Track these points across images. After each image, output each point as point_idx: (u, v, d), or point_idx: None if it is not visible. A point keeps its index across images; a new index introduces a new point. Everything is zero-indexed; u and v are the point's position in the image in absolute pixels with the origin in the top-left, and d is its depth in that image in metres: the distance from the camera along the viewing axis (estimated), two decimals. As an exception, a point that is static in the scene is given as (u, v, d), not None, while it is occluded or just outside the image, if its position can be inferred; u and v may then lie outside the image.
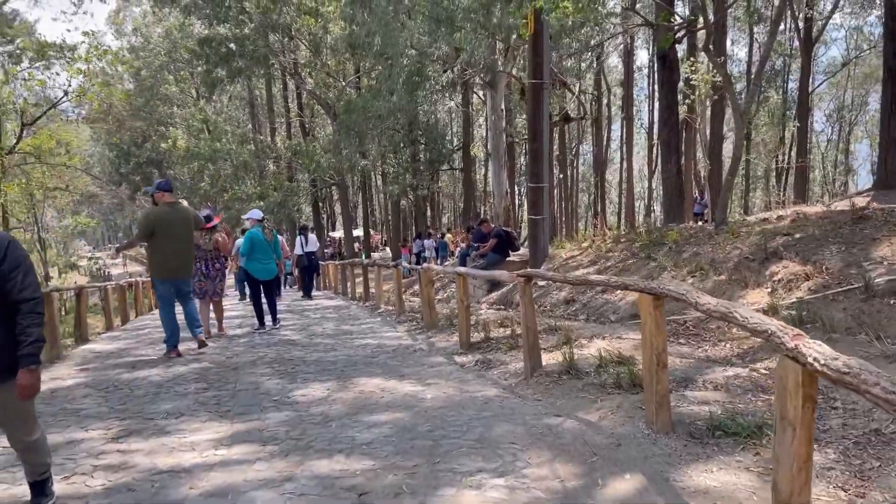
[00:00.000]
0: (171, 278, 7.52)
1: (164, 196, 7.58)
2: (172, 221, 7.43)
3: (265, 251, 9.77)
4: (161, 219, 7.39)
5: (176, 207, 7.55)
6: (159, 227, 7.37)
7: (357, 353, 7.40)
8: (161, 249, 7.43)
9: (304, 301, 15.39)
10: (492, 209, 22.62)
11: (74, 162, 23.94)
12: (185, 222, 7.55)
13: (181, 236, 7.51)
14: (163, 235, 7.39)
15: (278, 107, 45.71)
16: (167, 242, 7.44)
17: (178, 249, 7.50)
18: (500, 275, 6.03)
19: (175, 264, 7.51)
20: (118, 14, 63.18)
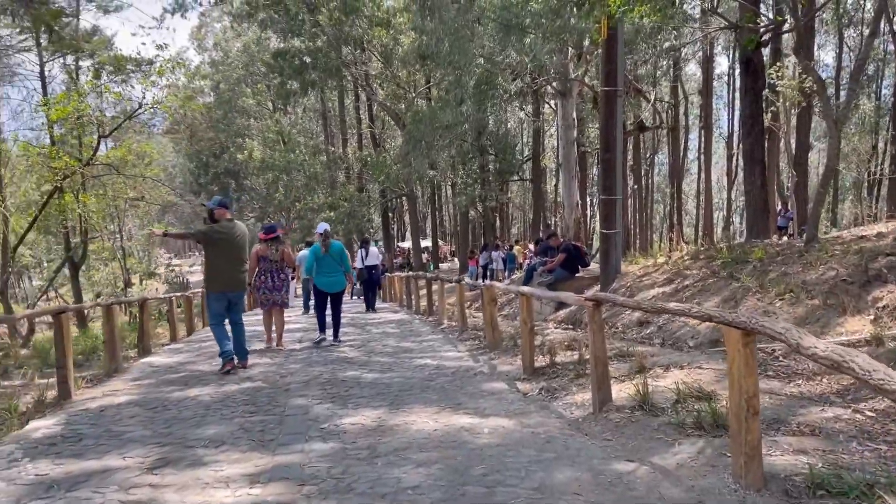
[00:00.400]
0: (225, 291, 7.65)
1: (223, 213, 7.75)
2: (229, 237, 7.60)
3: (330, 264, 9.72)
4: (220, 233, 7.57)
5: (233, 224, 7.79)
6: (218, 242, 7.54)
7: (414, 374, 7.03)
8: (216, 264, 7.59)
9: (367, 314, 15.19)
10: (562, 221, 22.02)
11: (152, 173, 24.66)
12: (240, 239, 7.71)
13: (236, 253, 7.65)
14: (219, 250, 7.57)
15: (350, 118, 46.27)
16: (223, 257, 7.59)
17: (233, 265, 7.63)
18: (567, 297, 5.55)
19: (229, 278, 7.63)
20: (200, 30, 65.52)
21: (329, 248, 9.70)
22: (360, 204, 33.06)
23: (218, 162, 62.31)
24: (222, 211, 7.77)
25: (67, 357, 6.36)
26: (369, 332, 11.16)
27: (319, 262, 9.68)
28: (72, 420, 5.54)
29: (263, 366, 8.03)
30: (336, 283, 9.75)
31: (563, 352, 7.75)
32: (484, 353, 8.35)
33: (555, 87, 19.52)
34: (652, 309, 4.48)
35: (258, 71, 52.03)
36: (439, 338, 10.02)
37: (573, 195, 19.39)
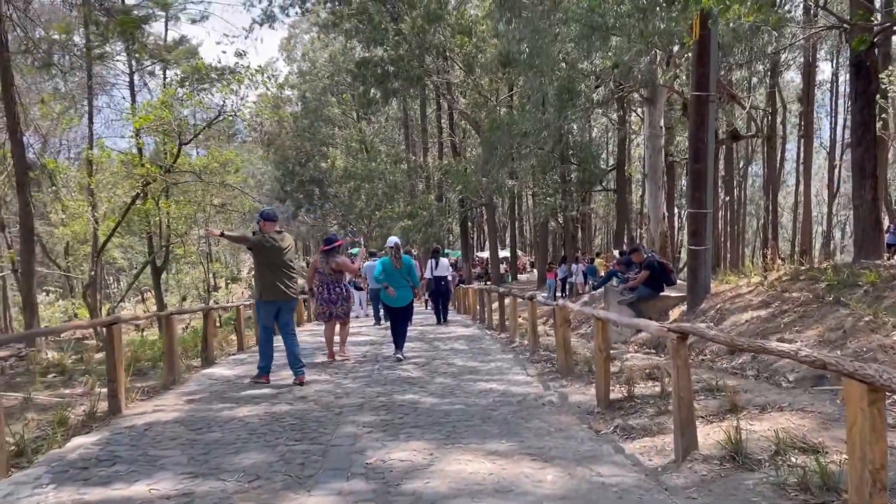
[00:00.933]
0: (273, 300, 7.63)
1: (267, 225, 7.74)
2: (277, 248, 7.63)
3: (398, 279, 9.57)
4: (264, 244, 7.60)
5: (281, 235, 7.79)
6: (263, 252, 7.60)
7: (477, 401, 6.47)
8: (263, 274, 7.65)
9: (438, 327, 14.74)
10: (647, 234, 20.98)
11: (237, 180, 25.23)
12: (288, 250, 7.75)
13: (283, 263, 7.66)
14: (266, 259, 7.62)
15: (431, 127, 46.23)
16: (269, 266, 7.63)
17: (279, 275, 7.62)
18: (647, 325, 4.88)
19: (274, 288, 7.61)
20: (289, 41, 67.30)
21: (400, 259, 9.59)
22: (439, 213, 32.78)
23: (303, 170, 63.66)
24: (267, 224, 7.75)
25: (118, 370, 6.15)
26: (436, 349, 10.68)
27: (389, 277, 9.52)
28: (113, 439, 5.28)
29: (322, 383, 7.68)
30: (403, 297, 9.58)
31: (643, 381, 7.02)
32: (555, 378, 7.71)
33: (641, 94, 18.61)
34: (749, 347, 3.78)
35: (343, 80, 52.79)
36: (509, 358, 9.42)
37: (659, 207, 18.37)
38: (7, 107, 11.60)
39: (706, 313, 10.00)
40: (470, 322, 16.25)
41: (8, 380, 8.92)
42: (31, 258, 12.11)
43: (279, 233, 7.79)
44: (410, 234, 32.74)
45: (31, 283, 12.03)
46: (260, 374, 7.66)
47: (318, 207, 68.53)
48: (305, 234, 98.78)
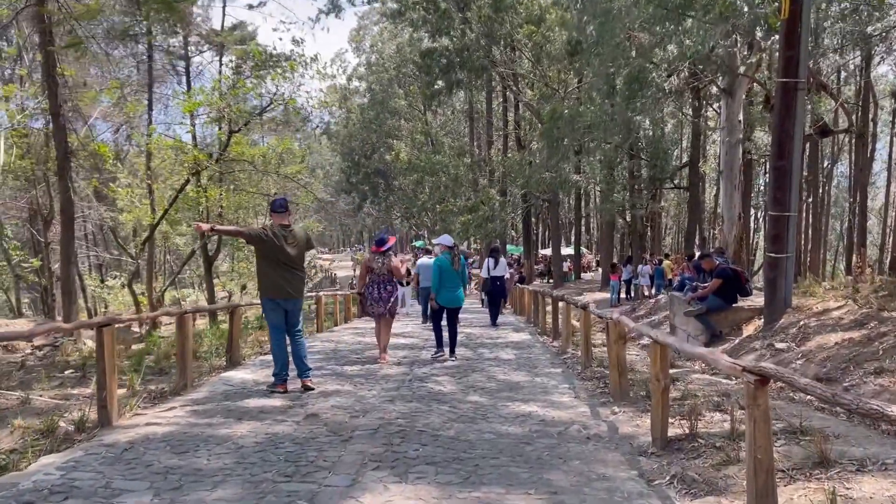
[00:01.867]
0: (278, 298, 7.01)
1: (274, 216, 7.15)
2: (280, 241, 6.92)
3: (453, 278, 9.40)
4: (263, 237, 6.93)
5: (288, 229, 7.07)
6: (262, 246, 6.93)
7: (510, 430, 5.57)
8: (264, 271, 7.02)
9: (489, 329, 13.86)
10: (720, 235, 19.52)
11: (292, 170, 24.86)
12: (295, 245, 7.05)
13: (286, 258, 6.95)
14: (268, 253, 6.93)
15: (497, 120, 45.19)
16: (270, 261, 6.96)
17: (282, 271, 6.96)
18: (716, 361, 3.85)
19: (276, 285, 6.97)
20: (358, 32, 67.29)
21: (459, 259, 9.49)
22: (501, 208, 31.79)
23: (369, 162, 63.66)
24: (274, 215, 7.13)
25: (109, 378, 5.52)
26: (479, 356, 9.80)
27: (444, 277, 9.30)
28: (83, 462, 4.62)
29: (343, 395, 6.92)
30: (457, 298, 9.46)
31: (710, 413, 5.98)
32: (606, 402, 6.72)
33: (718, 85, 17.18)
34: (861, 410, 2.77)
35: (410, 72, 52.29)
36: (557, 372, 8.46)
37: (734, 208, 16.94)
38: (49, 89, 11.33)
39: (786, 331, 8.79)
40: (523, 325, 15.28)
41: (24, 375, 8.52)
42: (71, 244, 11.85)
43: (286, 227, 7.03)
44: (470, 230, 31.90)
45: (70, 270, 11.77)
46: (276, 382, 7.05)
47: (383, 200, 68.52)
48: (371, 226, 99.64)
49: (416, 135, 53.28)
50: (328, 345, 11.15)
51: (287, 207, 7.19)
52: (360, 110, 65.55)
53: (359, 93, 68.46)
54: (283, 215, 7.06)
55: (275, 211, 7.11)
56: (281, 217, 7.05)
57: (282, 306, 7.02)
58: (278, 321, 7.08)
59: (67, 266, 11.53)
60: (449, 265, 9.37)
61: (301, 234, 7.20)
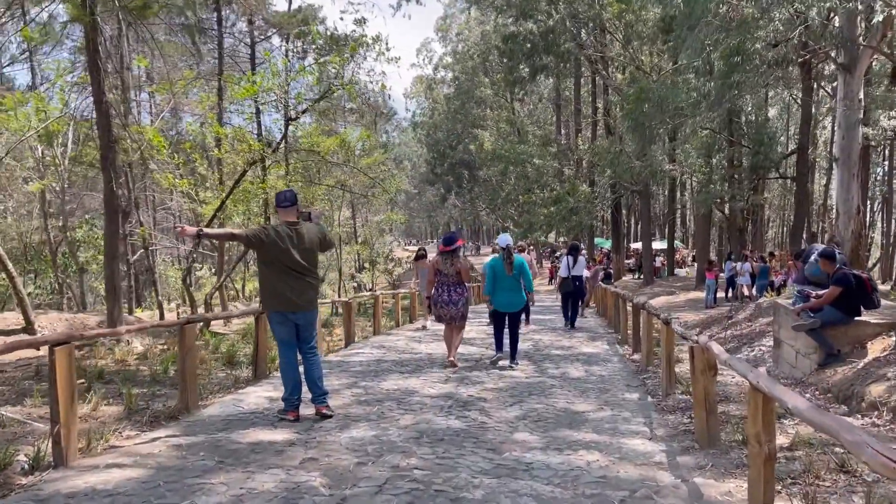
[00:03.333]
0: (285, 311, 5.93)
1: (280, 213, 6.04)
2: (285, 242, 5.85)
3: (510, 281, 8.81)
4: (263, 238, 5.84)
5: (296, 228, 5.95)
6: (263, 248, 5.86)
7: (555, 494, 4.23)
8: (270, 277, 5.92)
9: (563, 335, 12.44)
10: (832, 231, 17.23)
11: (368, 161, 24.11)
12: (303, 246, 5.94)
13: (294, 264, 5.88)
14: (272, 257, 5.86)
15: (586, 107, 43.17)
16: (276, 267, 5.88)
17: (289, 278, 5.89)
18: (859, 447, 2.41)
19: (289, 294, 5.88)
20: (444, 20, 66.31)
21: (512, 264, 8.77)
22: (586, 199, 29.95)
23: (453, 152, 62.74)
24: (280, 211, 6.02)
25: (64, 408, 4.56)
26: (542, 372, 8.43)
27: (499, 279, 8.79)
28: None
29: (361, 426, 5.75)
30: (514, 302, 8.87)
31: (829, 475, 4.46)
32: (689, 450, 5.25)
33: (835, 59, 14.96)
34: None
35: (496, 60, 50.79)
36: (632, 399, 6.99)
37: (853, 199, 14.72)
38: (92, 74, 10.74)
39: (930, 355, 6.97)
40: (603, 331, 13.73)
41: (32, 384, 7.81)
42: (116, 240, 11.27)
43: (293, 224, 5.93)
44: (554, 222, 30.27)
45: (116, 267, 11.19)
46: (285, 409, 6.02)
47: (468, 191, 67.44)
48: (458, 218, 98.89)
49: (501, 124, 51.78)
50: (376, 352, 10.04)
51: (295, 201, 6.06)
52: (445, 100, 64.73)
53: (445, 82, 67.62)
54: (289, 210, 5.97)
55: (280, 206, 6.00)
56: (287, 213, 5.97)
57: (291, 319, 5.96)
58: (287, 336, 6.01)
59: (112, 262, 10.95)
60: (502, 266, 8.80)
61: (313, 233, 6.07)
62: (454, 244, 8.89)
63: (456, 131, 61.07)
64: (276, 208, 6.06)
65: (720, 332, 13.26)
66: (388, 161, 70.25)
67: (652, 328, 8.78)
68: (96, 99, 10.86)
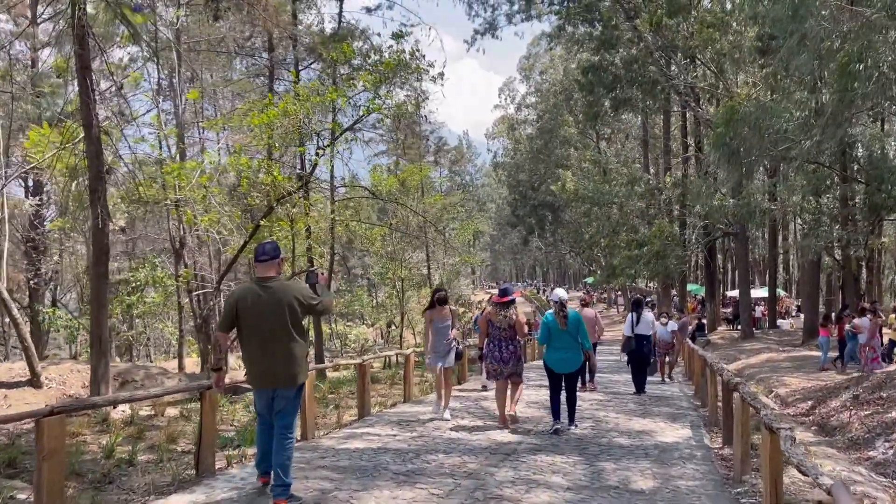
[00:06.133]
0: (264, 388, 5.19)
1: (258, 267, 5.21)
2: (258, 305, 5.03)
3: (564, 338, 8.08)
4: (244, 300, 5.06)
5: (269, 285, 5.09)
6: (242, 314, 5.06)
7: None
8: (246, 346, 5.13)
9: (631, 411, 9.99)
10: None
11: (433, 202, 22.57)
12: (276, 307, 5.02)
13: (272, 329, 5.03)
14: (247, 325, 5.07)
15: (676, 144, 40.31)
16: (252, 336, 5.06)
17: (264, 347, 5.06)
18: None
19: (264, 367, 5.09)
20: (528, 59, 65.04)
21: (566, 318, 8.06)
22: (674, 242, 27.08)
23: (536, 193, 60.63)
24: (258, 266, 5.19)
25: None
26: (593, 480, 6.08)
27: (552, 336, 8.13)
28: None
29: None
30: (570, 360, 8.16)
31: None
32: None
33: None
34: None
35: (579, 97, 48.77)
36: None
37: None
38: (82, 97, 9.44)
39: None
40: (687, 403, 11.12)
41: None
42: (103, 284, 9.80)
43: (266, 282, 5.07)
44: (637, 267, 27.53)
45: (103, 317, 9.68)
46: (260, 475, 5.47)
47: (550, 233, 64.94)
48: (542, 260, 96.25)
49: (585, 163, 49.38)
50: (384, 434, 7.90)
51: (276, 255, 5.19)
52: (527, 140, 63.00)
53: (527, 122, 66.01)
54: (267, 265, 5.13)
55: (257, 259, 5.19)
56: (266, 267, 5.13)
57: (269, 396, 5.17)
58: (263, 409, 5.28)
59: (98, 310, 9.48)
60: (555, 322, 8.07)
61: (290, 291, 5.09)
62: (510, 295, 8.38)
63: (538, 172, 59.07)
64: (255, 262, 5.26)
65: (842, 409, 10.46)
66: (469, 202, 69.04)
67: (749, 420, 6.33)
68: (86, 123, 9.53)
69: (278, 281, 5.16)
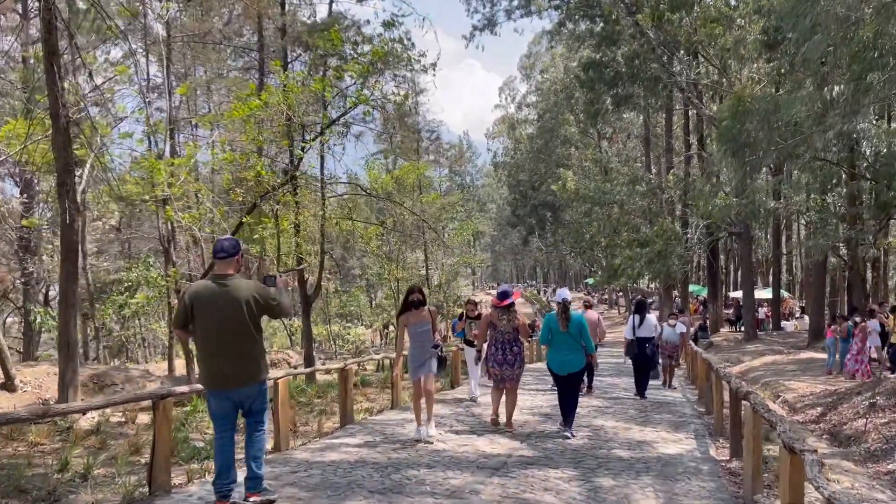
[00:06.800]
0: (221, 389, 4.87)
1: (217, 264, 5.00)
2: (214, 303, 4.78)
3: (566, 340, 7.92)
4: (199, 297, 4.82)
5: (225, 282, 4.86)
6: (198, 311, 4.79)
7: None
8: (202, 347, 4.89)
9: (635, 419, 9.41)
10: None
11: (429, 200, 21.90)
12: (234, 304, 4.78)
13: (229, 327, 4.78)
14: (203, 323, 4.80)
15: (679, 143, 39.74)
16: (208, 334, 4.80)
17: (222, 347, 4.79)
18: None
19: (223, 368, 4.80)
20: (528, 58, 64.49)
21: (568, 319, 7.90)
22: (676, 242, 26.46)
23: (536, 193, 59.97)
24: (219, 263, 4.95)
25: None
26: (588, 499, 5.51)
27: (554, 336, 8.01)
28: None
29: None
30: (571, 362, 7.97)
31: None
32: None
33: None
34: None
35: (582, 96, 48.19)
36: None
37: None
38: (49, 88, 8.86)
39: None
40: (691, 410, 10.53)
41: None
42: (73, 284, 9.25)
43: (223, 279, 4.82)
44: (638, 267, 26.91)
45: (72, 318, 9.13)
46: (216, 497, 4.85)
47: (551, 233, 64.29)
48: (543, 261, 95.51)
49: (586, 163, 48.77)
50: (365, 444, 7.34)
51: (235, 252, 4.95)
52: (528, 139, 62.36)
53: (528, 122, 65.38)
54: (226, 262, 4.90)
55: (216, 256, 4.97)
56: (224, 265, 4.90)
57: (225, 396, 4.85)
58: (220, 411, 4.91)
59: (65, 311, 8.94)
60: (556, 323, 7.92)
61: (247, 290, 4.84)
62: (509, 298, 8.18)
63: (539, 171, 58.44)
64: (213, 258, 5.14)
65: (855, 416, 9.87)
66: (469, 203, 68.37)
67: (760, 433, 5.74)
68: (53, 112, 8.96)
69: (236, 278, 4.91)
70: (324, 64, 12.89)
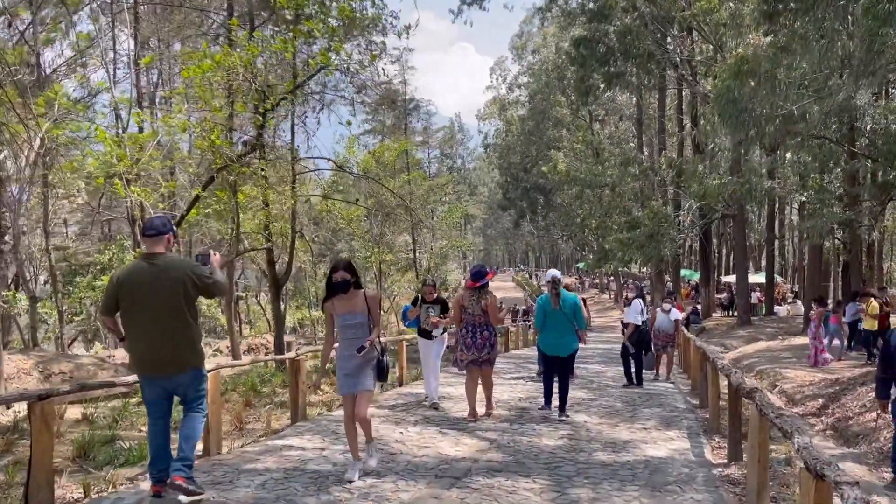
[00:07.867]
0: (153, 375, 4.54)
1: (146, 242, 4.59)
2: (146, 284, 4.40)
3: (560, 321, 7.80)
4: (128, 279, 4.46)
5: (157, 262, 4.46)
6: (125, 295, 4.44)
7: None
8: (132, 330, 4.50)
9: (621, 414, 8.53)
10: None
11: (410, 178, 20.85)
12: (168, 285, 4.40)
13: (162, 308, 4.39)
14: (133, 305, 4.43)
15: (672, 125, 38.80)
16: (140, 316, 4.43)
17: (158, 327, 4.39)
18: None
19: (155, 353, 4.44)
20: (520, 37, 63.24)
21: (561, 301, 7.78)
22: (668, 224, 25.56)
23: (527, 176, 58.95)
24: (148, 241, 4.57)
25: None
26: None
27: (548, 318, 7.90)
28: None
29: None
30: (564, 344, 7.85)
31: None
32: None
33: None
34: None
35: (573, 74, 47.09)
36: None
37: None
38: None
39: None
40: (684, 404, 9.66)
41: None
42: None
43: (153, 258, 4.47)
44: (629, 251, 26.03)
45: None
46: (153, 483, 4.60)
47: (542, 217, 63.40)
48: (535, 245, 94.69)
49: (578, 144, 47.74)
50: (311, 447, 6.41)
51: (165, 230, 4.58)
52: (519, 121, 61.25)
53: (519, 103, 64.22)
54: (154, 240, 4.55)
55: (144, 234, 4.64)
56: (153, 243, 4.56)
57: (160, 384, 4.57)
58: (153, 397, 4.63)
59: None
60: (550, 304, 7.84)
61: (182, 266, 4.56)
62: (483, 279, 7.77)
63: (530, 154, 57.40)
64: (141, 237, 4.88)
65: (862, 410, 9.03)
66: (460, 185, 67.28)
67: (768, 439, 4.84)
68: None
69: (167, 256, 4.58)
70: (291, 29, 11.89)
